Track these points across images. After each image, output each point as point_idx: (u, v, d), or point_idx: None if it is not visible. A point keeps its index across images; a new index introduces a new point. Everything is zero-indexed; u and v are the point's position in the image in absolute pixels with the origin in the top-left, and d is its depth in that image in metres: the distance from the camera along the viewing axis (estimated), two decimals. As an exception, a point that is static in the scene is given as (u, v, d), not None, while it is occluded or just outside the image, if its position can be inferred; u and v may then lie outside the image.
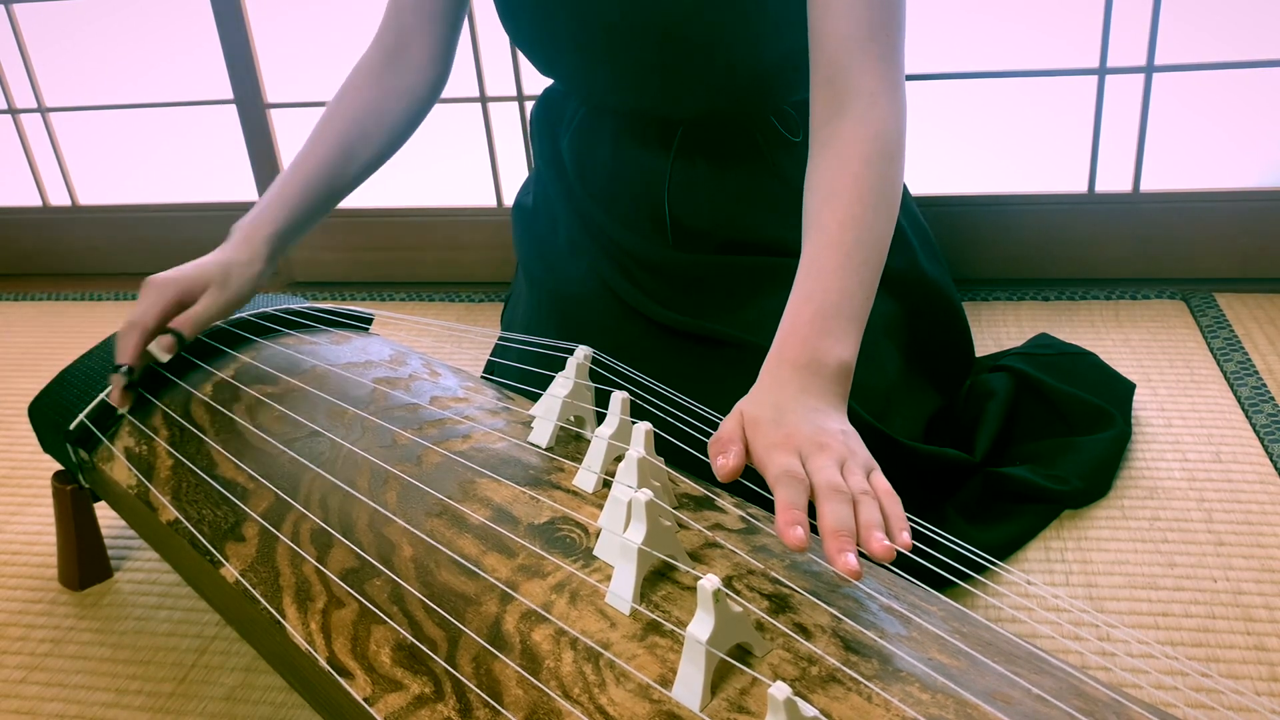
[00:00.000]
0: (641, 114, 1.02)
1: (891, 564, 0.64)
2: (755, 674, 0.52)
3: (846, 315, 0.72)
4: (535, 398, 0.80)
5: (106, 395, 0.89)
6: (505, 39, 1.54)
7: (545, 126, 1.12)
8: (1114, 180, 1.46)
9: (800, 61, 0.96)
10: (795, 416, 0.66)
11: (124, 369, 0.85)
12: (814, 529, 0.60)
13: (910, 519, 0.65)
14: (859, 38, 0.78)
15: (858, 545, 0.58)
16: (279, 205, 0.92)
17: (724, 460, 0.65)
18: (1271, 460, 1.07)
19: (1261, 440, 1.10)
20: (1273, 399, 1.16)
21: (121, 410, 0.88)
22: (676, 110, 1.00)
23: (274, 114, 1.69)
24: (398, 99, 0.98)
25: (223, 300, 0.88)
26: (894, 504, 0.61)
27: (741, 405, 0.69)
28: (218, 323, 0.96)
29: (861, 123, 0.77)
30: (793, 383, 0.69)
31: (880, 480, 0.63)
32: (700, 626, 0.50)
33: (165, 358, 0.85)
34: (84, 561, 1.03)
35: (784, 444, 0.64)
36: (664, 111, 1.00)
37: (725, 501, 0.69)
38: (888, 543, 0.57)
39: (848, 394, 0.71)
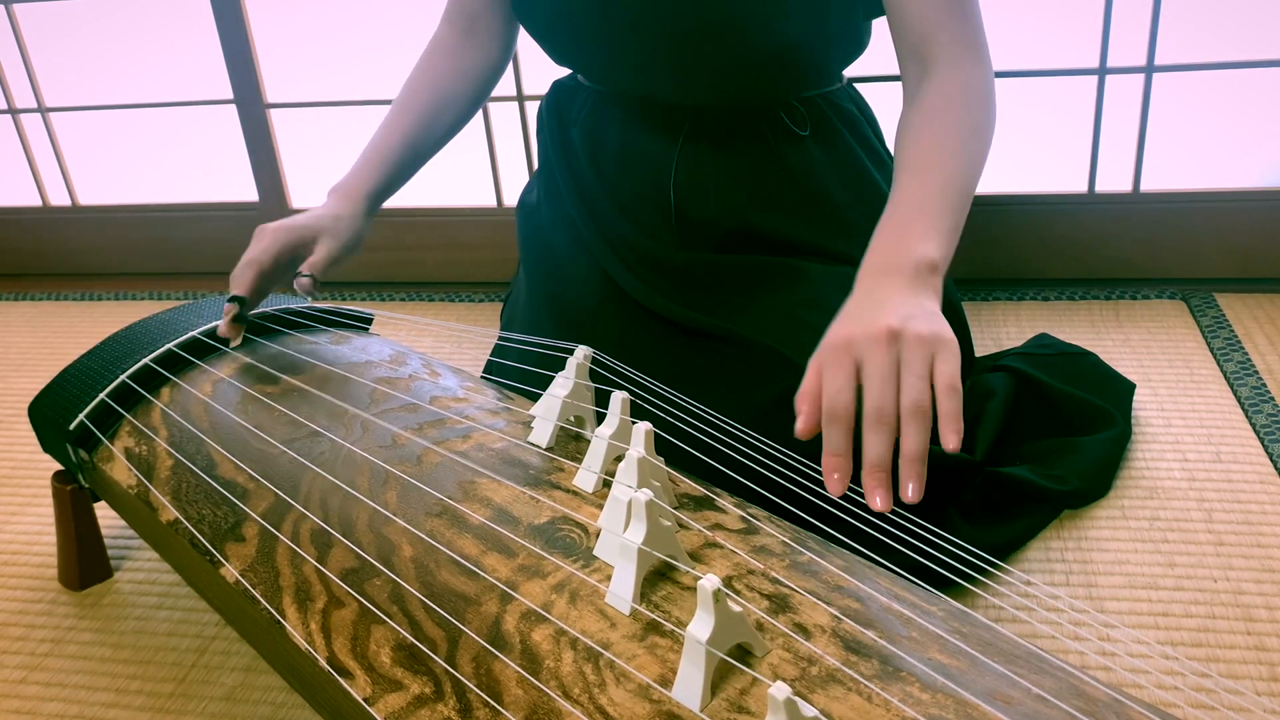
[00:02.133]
0: (652, 100, 1.02)
1: (892, 564, 0.65)
2: (755, 674, 0.52)
3: (927, 219, 0.74)
4: (535, 398, 0.80)
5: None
6: (505, 39, 1.54)
7: (555, 119, 1.12)
8: (1114, 180, 1.46)
9: (811, 48, 0.96)
10: (857, 313, 0.66)
11: (238, 298, 0.90)
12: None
13: (910, 519, 0.65)
14: (938, 10, 0.84)
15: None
16: (374, 166, 1.00)
17: (799, 424, 0.65)
18: (1271, 460, 1.07)
19: (1261, 440, 1.10)
20: (1273, 399, 1.16)
21: (234, 343, 0.94)
22: (688, 96, 1.00)
23: (274, 114, 1.70)
24: (471, 74, 1.06)
25: (338, 246, 0.94)
26: (953, 402, 0.61)
27: (827, 334, 0.68)
28: (217, 323, 0.96)
29: (946, 79, 0.83)
30: (868, 287, 0.70)
31: (945, 371, 0.62)
32: (700, 626, 0.50)
33: (309, 298, 0.92)
34: (84, 561, 1.03)
35: (843, 350, 0.64)
36: (676, 97, 1.01)
37: (725, 501, 0.69)
38: (911, 494, 0.59)
39: (937, 290, 0.70)
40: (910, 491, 0.60)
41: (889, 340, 0.63)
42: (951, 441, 0.60)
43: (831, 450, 0.62)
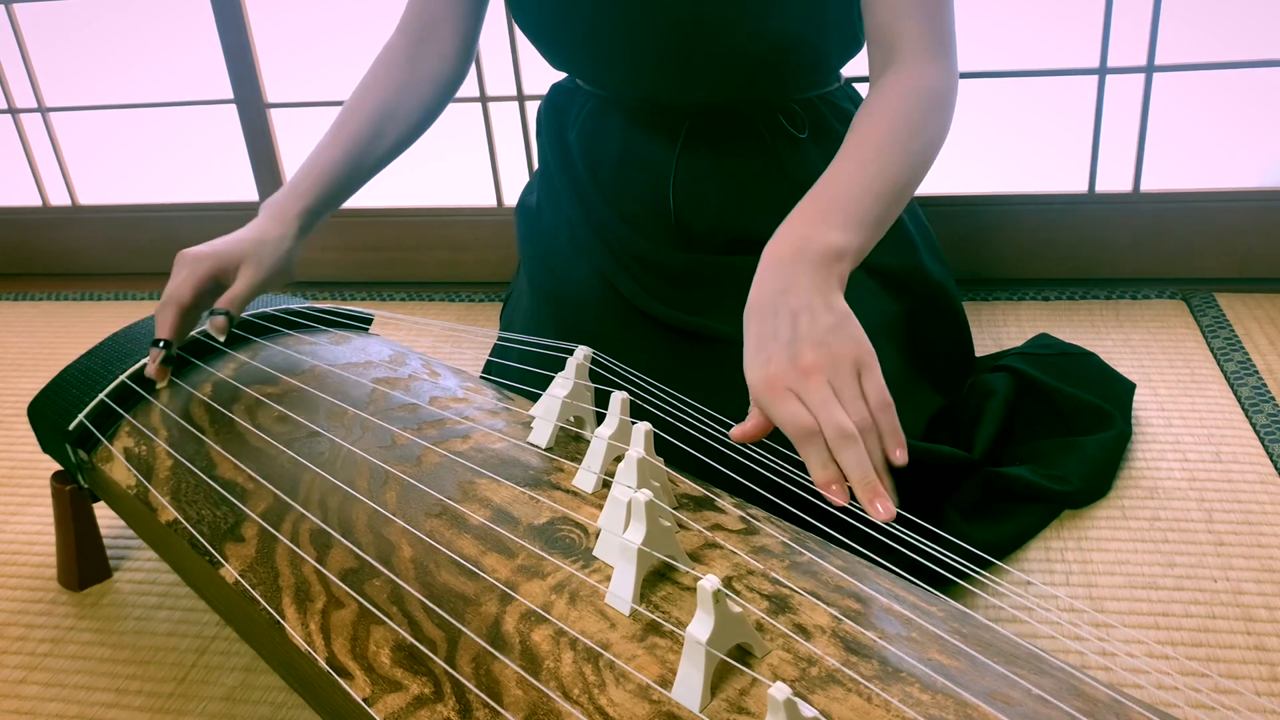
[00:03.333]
0: (650, 103, 1.02)
1: (892, 564, 0.65)
2: (755, 674, 0.52)
3: (844, 209, 0.74)
4: (535, 398, 0.80)
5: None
6: (505, 39, 1.54)
7: (553, 122, 1.12)
8: (1114, 180, 1.46)
9: (808, 46, 0.96)
10: (774, 345, 0.68)
11: (162, 343, 0.87)
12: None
13: (909, 518, 0.65)
14: (905, 5, 0.83)
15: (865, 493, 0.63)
16: (309, 182, 0.93)
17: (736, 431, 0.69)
18: (1271, 460, 1.07)
19: (1261, 440, 1.10)
20: (1273, 399, 1.16)
21: (160, 384, 0.90)
22: (687, 95, 1.00)
23: (274, 114, 1.69)
24: (422, 85, 1.00)
25: (260, 276, 0.88)
26: (888, 417, 0.64)
27: (745, 366, 0.70)
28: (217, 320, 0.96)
29: (904, 75, 0.82)
30: (773, 285, 0.71)
31: (873, 387, 0.65)
32: (700, 627, 0.50)
33: (222, 337, 0.86)
34: (83, 561, 1.03)
35: (776, 389, 0.66)
36: (674, 98, 1.00)
37: (725, 502, 0.69)
38: (881, 514, 0.61)
39: (841, 278, 0.72)
40: (881, 509, 0.62)
41: (818, 378, 0.65)
42: (898, 455, 0.63)
43: (820, 464, 0.64)
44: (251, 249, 0.88)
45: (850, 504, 0.64)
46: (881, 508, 0.62)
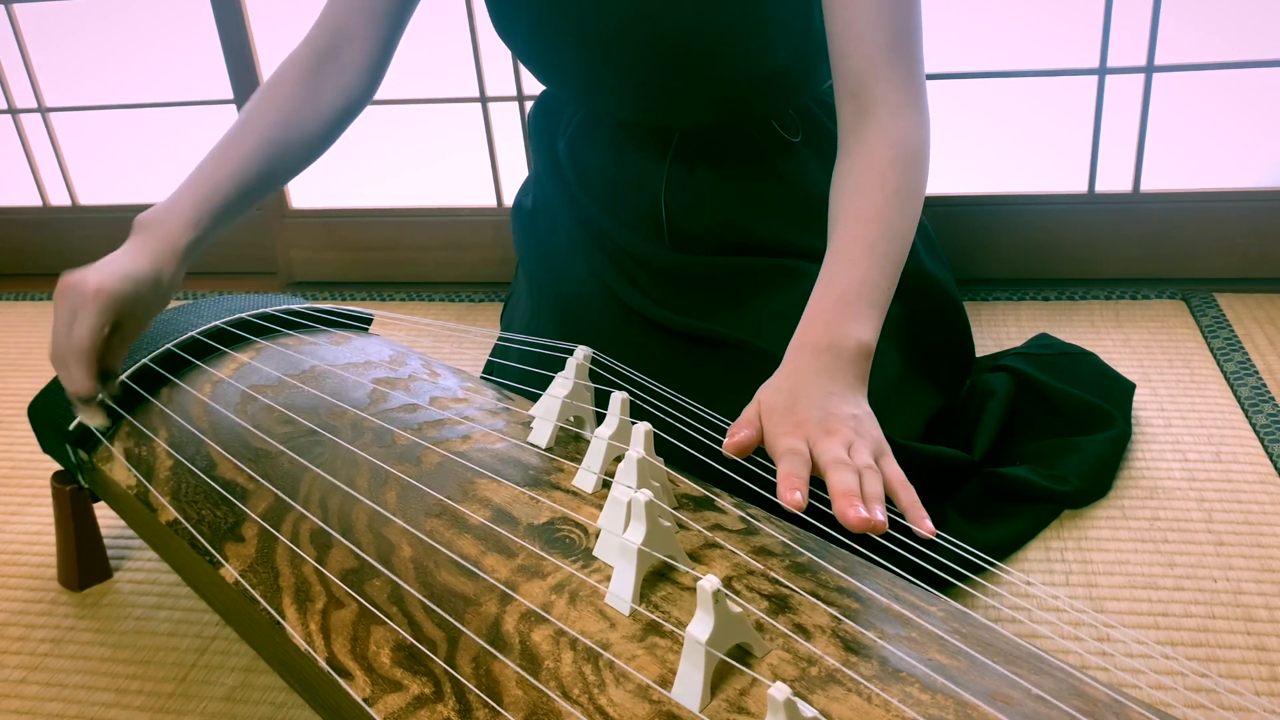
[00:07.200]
0: (640, 123, 1.02)
1: (891, 564, 0.65)
2: (755, 674, 0.52)
3: (868, 300, 0.75)
4: (535, 398, 0.80)
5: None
6: (505, 39, 1.54)
7: (543, 129, 1.12)
8: (1114, 180, 1.46)
9: (800, 70, 0.95)
10: (807, 403, 0.68)
11: (97, 399, 0.81)
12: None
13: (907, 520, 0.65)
14: (880, 53, 0.81)
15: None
16: (203, 209, 0.85)
17: (729, 439, 0.68)
18: (1271, 460, 1.07)
19: (1261, 440, 1.10)
20: (1273, 399, 1.16)
21: (100, 422, 0.85)
22: (677, 121, 0.99)
23: (274, 114, 1.69)
24: (324, 105, 0.91)
25: (148, 322, 0.83)
26: (908, 494, 0.63)
27: (761, 392, 0.71)
28: (216, 323, 0.96)
29: (886, 132, 0.80)
30: (810, 366, 0.71)
31: (891, 467, 0.65)
32: (700, 627, 0.50)
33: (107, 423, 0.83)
34: (84, 562, 1.03)
35: (793, 431, 0.66)
36: (664, 122, 1.00)
37: (725, 502, 0.69)
38: (881, 518, 0.59)
39: (867, 376, 0.73)
40: (928, 524, 0.61)
41: (838, 438, 0.65)
42: (926, 525, 0.61)
43: (788, 473, 0.62)
44: (148, 294, 0.81)
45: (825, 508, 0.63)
46: (857, 514, 0.58)
